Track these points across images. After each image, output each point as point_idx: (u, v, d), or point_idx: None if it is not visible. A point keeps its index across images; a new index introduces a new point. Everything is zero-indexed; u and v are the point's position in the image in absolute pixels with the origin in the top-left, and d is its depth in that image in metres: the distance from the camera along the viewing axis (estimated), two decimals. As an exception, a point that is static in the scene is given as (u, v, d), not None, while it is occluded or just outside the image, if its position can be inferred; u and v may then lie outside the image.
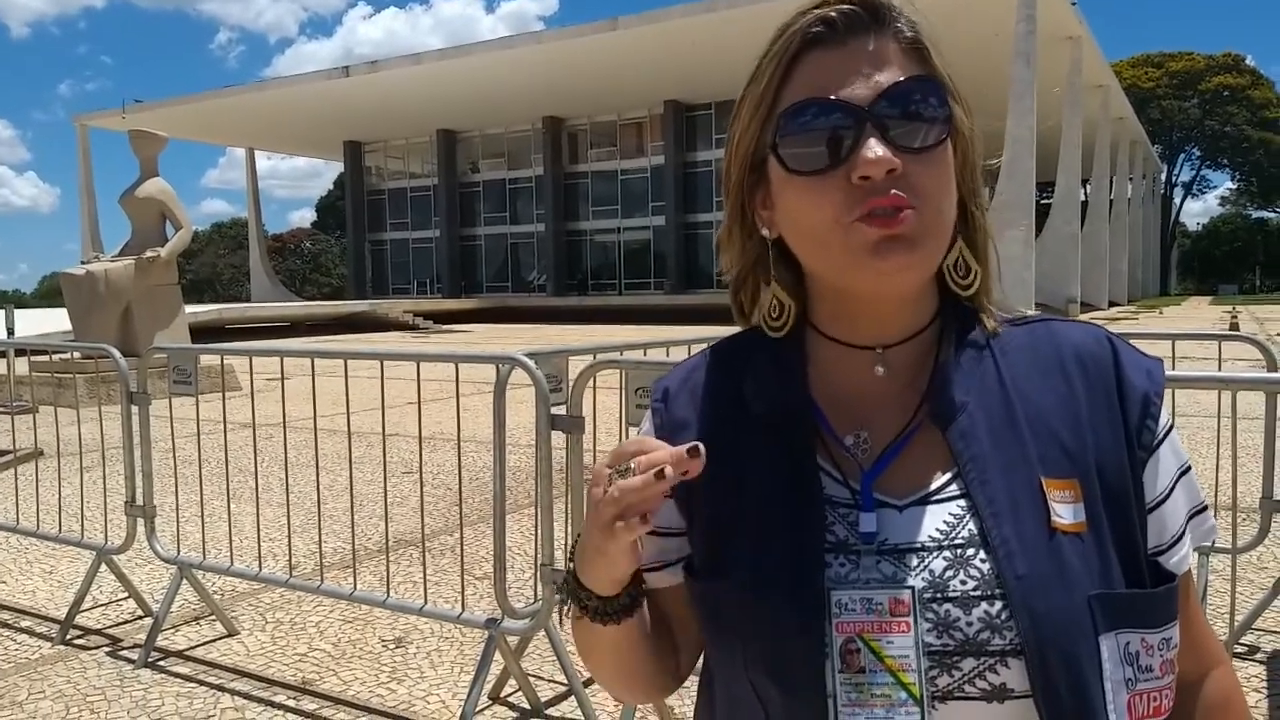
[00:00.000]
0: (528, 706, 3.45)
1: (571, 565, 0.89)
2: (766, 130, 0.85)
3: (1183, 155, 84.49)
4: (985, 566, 0.79)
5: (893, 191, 0.79)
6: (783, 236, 0.89)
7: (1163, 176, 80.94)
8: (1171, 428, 0.88)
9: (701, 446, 0.77)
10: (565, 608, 0.90)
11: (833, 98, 0.81)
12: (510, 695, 3.54)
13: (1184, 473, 0.88)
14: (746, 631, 0.83)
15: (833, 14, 0.82)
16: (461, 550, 3.96)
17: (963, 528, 0.81)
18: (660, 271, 44.44)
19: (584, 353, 3.77)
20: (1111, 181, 47.28)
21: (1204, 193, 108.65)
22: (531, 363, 3.22)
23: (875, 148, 0.79)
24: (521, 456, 6.36)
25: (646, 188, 44.90)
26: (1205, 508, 0.90)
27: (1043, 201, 40.44)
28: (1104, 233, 43.25)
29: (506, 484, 3.38)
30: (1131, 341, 0.94)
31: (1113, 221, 46.37)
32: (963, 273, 0.89)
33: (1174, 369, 3.76)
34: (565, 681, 3.53)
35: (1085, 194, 43.90)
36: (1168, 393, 0.91)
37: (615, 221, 46.32)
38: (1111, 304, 44.20)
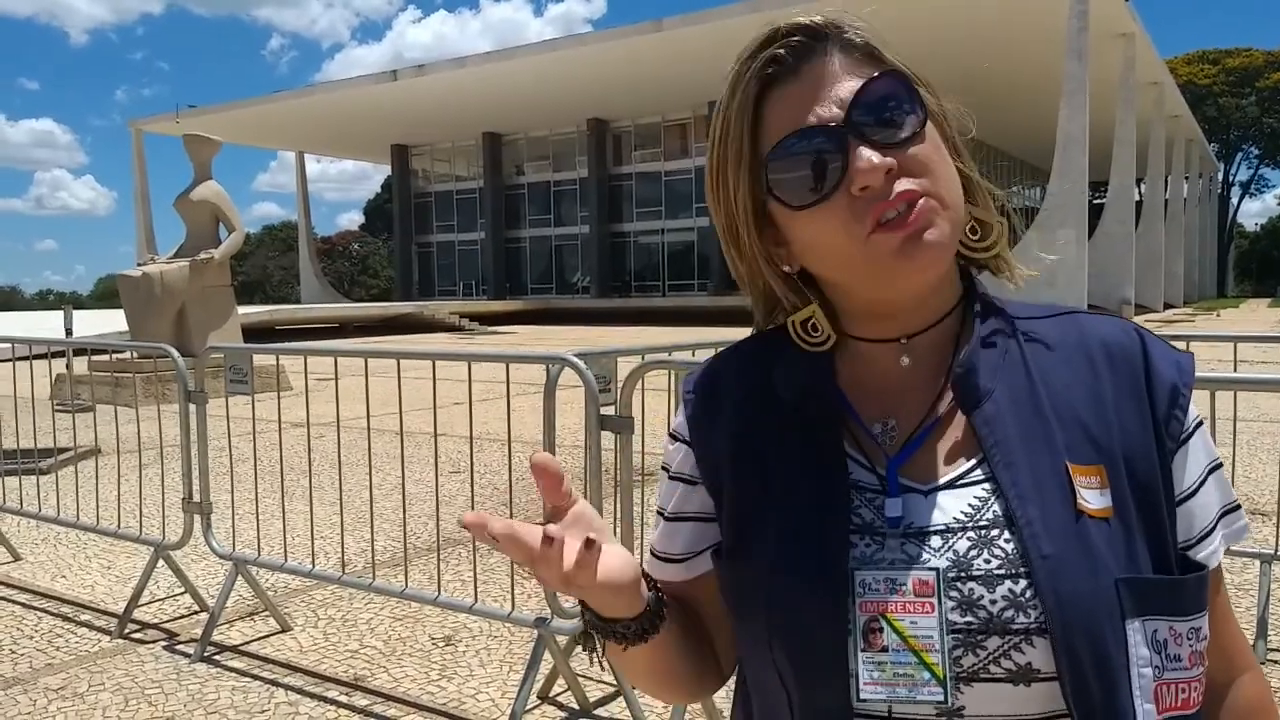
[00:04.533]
0: (576, 706, 3.45)
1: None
2: (757, 180, 0.86)
3: (1240, 154, 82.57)
4: (1010, 546, 0.79)
5: (897, 191, 0.79)
6: (805, 267, 0.90)
7: (1219, 176, 79.10)
8: (1201, 423, 0.87)
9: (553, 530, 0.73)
10: (594, 644, 0.88)
11: (809, 123, 0.82)
12: (559, 695, 3.55)
13: (1215, 468, 0.87)
14: (771, 612, 0.84)
15: (780, 50, 0.84)
16: (510, 550, 3.97)
17: (987, 509, 0.81)
18: (704, 273, 44.33)
19: (633, 353, 3.77)
20: (1167, 181, 46.28)
21: (1262, 192, 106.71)
22: (581, 363, 3.22)
23: (866, 155, 0.79)
24: (567, 457, 6.38)
25: (690, 189, 44.79)
26: (1238, 506, 0.89)
27: (1095, 201, 39.70)
28: (1159, 233, 42.29)
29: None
30: (1194, 345, 0.93)
31: (1168, 222, 45.34)
32: (978, 235, 0.90)
33: (1235, 372, 3.67)
34: (614, 682, 3.53)
35: (1139, 193, 43.03)
36: (1229, 394, 0.90)
37: (659, 223, 46.29)
38: (1167, 306, 43.25)
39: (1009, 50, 29.36)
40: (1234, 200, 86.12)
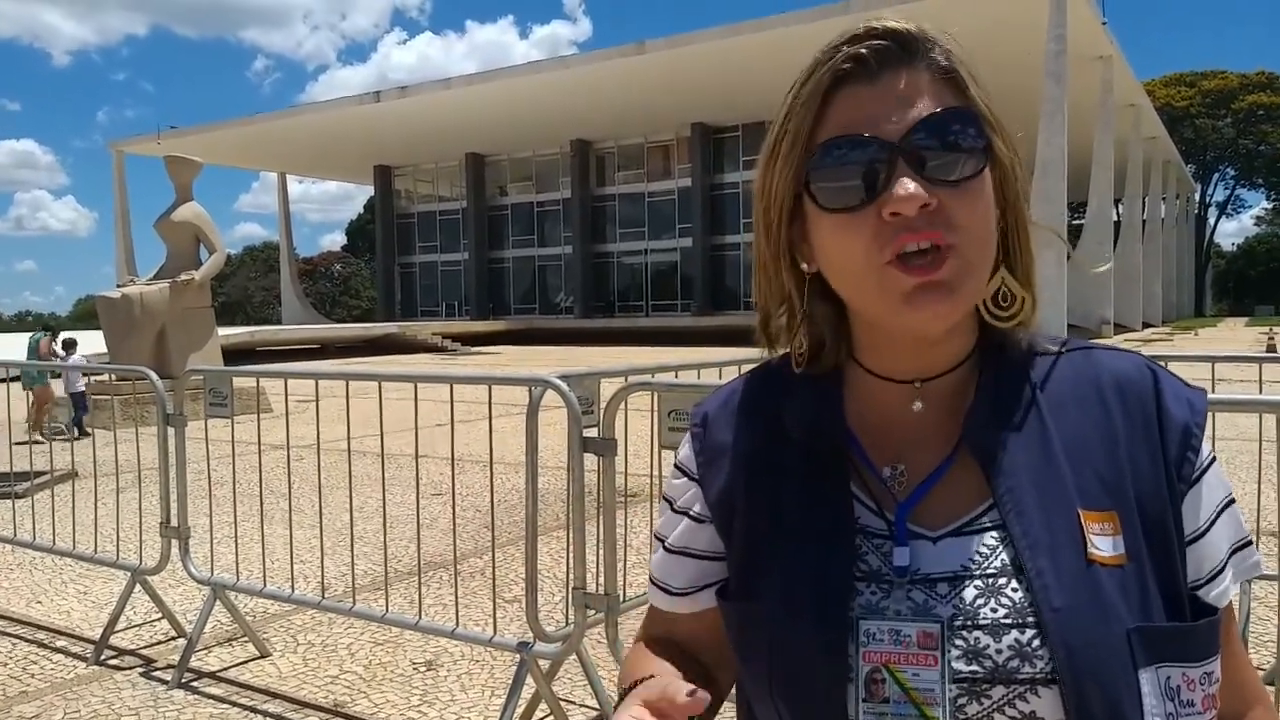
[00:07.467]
0: (559, 731, 3.42)
1: None
2: (802, 168, 0.83)
3: (1217, 175, 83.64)
4: (1017, 595, 0.78)
5: (926, 230, 0.77)
6: (821, 272, 0.87)
7: (1196, 196, 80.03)
8: (1213, 460, 0.86)
9: (701, 694, 0.76)
10: None
11: (864, 134, 0.80)
12: (542, 720, 3.52)
13: (1227, 505, 0.86)
14: (774, 655, 0.83)
15: (863, 50, 0.81)
16: (494, 573, 3.95)
17: (995, 558, 0.80)
18: (687, 293, 44.47)
19: (616, 375, 3.76)
20: (1144, 201, 46.80)
21: (1239, 212, 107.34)
22: (564, 385, 3.21)
23: (907, 184, 0.77)
24: (550, 479, 6.35)
25: (674, 210, 45.01)
26: (1249, 542, 0.87)
27: (1074, 222, 40.09)
28: (1137, 253, 42.75)
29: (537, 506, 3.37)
30: (1172, 365, 0.91)
31: (1146, 242, 45.82)
32: (1006, 302, 0.87)
33: (1214, 392, 3.70)
34: (597, 706, 3.50)
35: (1118, 214, 43.46)
36: (1208, 414, 0.89)
37: (642, 244, 46.45)
38: (1145, 325, 43.63)
39: (987, 72, 29.21)
40: (1211, 220, 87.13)
